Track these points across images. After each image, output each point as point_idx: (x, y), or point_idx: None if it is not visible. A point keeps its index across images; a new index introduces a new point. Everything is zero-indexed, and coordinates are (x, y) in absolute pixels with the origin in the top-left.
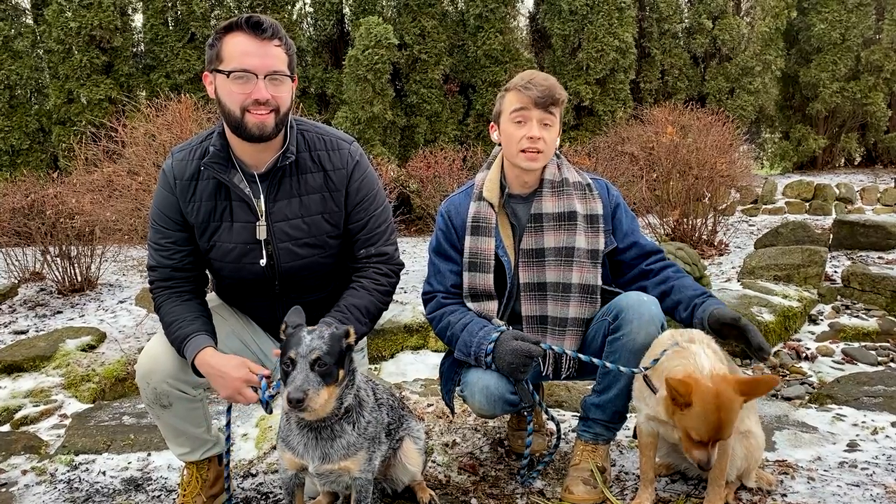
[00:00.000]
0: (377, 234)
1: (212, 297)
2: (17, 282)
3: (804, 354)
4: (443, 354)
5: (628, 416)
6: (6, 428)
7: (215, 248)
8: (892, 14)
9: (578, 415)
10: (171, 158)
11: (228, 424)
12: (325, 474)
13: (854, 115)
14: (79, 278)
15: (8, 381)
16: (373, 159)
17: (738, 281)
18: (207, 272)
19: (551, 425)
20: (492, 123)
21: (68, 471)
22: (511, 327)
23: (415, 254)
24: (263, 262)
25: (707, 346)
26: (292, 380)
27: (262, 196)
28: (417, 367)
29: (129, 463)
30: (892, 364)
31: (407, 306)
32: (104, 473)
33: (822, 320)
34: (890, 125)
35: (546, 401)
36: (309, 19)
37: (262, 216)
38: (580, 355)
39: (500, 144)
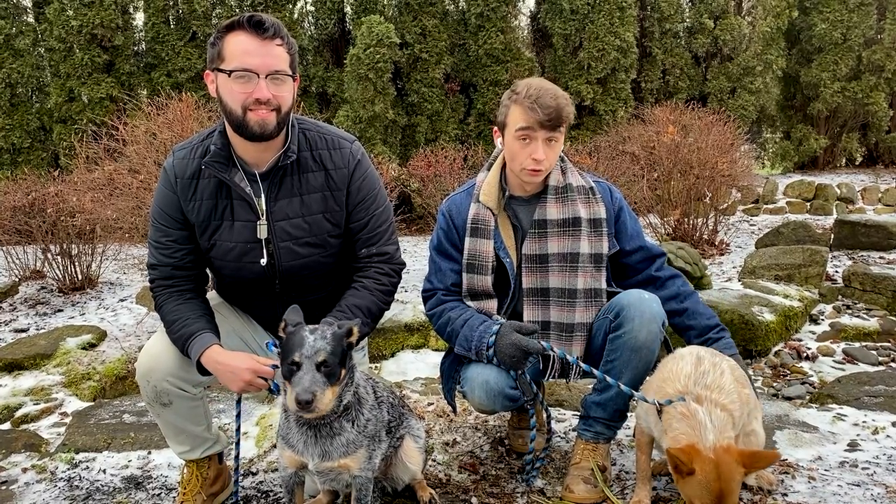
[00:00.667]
0: (378, 234)
1: (212, 296)
2: (17, 280)
3: (805, 354)
4: (443, 353)
5: (628, 414)
6: (6, 426)
7: (216, 246)
8: (894, 14)
9: (579, 413)
10: (172, 157)
11: (239, 416)
12: (325, 472)
13: (855, 115)
14: (79, 277)
15: (8, 380)
16: (374, 158)
17: (739, 280)
18: (208, 270)
19: (552, 424)
20: (496, 129)
21: (68, 469)
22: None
23: (415, 253)
24: (264, 261)
25: (714, 406)
26: (299, 381)
27: (262, 195)
28: (418, 365)
29: (129, 461)
30: (892, 364)
31: (407, 305)
32: (104, 471)
33: (822, 320)
34: (891, 125)
35: (547, 399)
36: (310, 18)
37: (262, 215)
38: (581, 363)
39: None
